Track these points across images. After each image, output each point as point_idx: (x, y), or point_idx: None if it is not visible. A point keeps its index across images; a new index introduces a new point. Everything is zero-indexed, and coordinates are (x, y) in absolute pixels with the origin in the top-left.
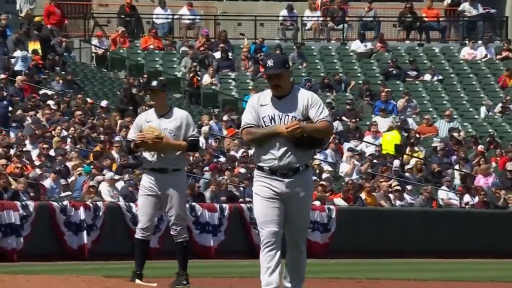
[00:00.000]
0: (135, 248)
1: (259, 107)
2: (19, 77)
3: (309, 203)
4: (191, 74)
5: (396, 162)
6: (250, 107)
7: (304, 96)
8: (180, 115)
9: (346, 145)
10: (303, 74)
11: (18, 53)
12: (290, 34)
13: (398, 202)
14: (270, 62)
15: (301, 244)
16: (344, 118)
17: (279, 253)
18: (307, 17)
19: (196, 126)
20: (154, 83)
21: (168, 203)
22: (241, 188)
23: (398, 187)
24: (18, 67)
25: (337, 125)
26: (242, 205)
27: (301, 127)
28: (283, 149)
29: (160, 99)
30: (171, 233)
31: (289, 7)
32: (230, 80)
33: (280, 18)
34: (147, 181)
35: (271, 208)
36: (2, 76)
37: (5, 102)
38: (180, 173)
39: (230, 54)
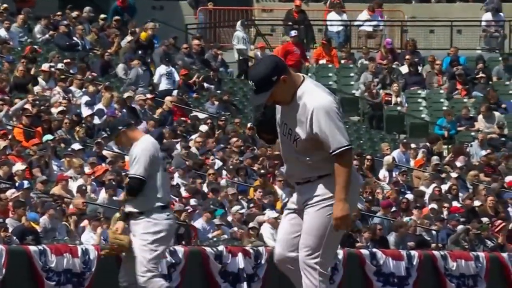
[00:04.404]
0: None
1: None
2: (168, 98)
3: (318, 217)
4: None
5: None
6: None
7: (306, 109)
8: (133, 149)
9: None
10: (511, 92)
11: (161, 69)
12: (495, 43)
13: None
14: (252, 85)
15: (304, 260)
16: None
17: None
18: None
19: (145, 160)
20: (103, 133)
21: None
22: (433, 232)
23: None
24: (163, 85)
25: None
26: (435, 252)
27: (340, 217)
28: (287, 166)
29: (122, 140)
30: None
31: (494, 10)
32: (419, 100)
33: (483, 23)
34: None
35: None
36: (148, 96)
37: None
38: (143, 216)
39: (419, 68)
